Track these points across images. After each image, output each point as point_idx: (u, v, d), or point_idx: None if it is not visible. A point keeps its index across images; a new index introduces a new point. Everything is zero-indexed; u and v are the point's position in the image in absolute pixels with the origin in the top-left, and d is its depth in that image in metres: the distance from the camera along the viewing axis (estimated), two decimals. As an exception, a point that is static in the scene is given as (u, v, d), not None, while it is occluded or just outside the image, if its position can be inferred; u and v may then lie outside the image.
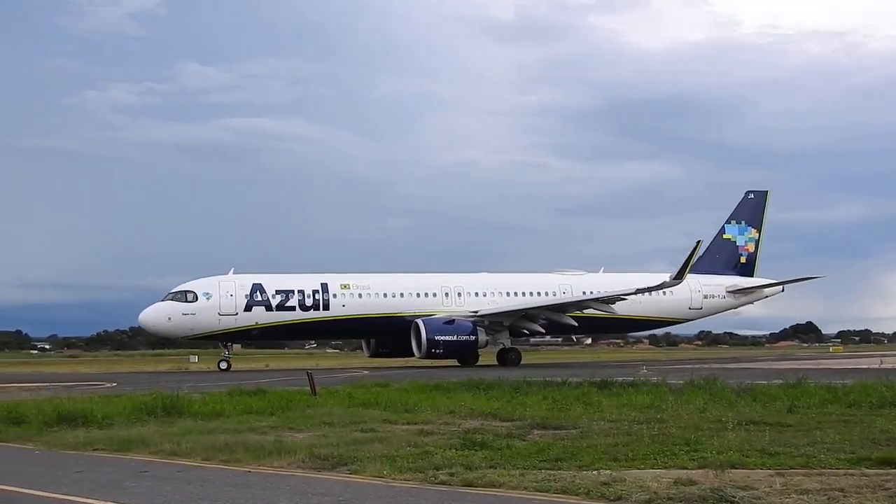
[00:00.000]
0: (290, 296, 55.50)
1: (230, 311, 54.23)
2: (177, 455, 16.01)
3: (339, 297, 56.32)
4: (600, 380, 28.14)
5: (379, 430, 18.41)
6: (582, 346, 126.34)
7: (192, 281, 55.47)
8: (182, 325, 54.57)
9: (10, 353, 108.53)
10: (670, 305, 62.13)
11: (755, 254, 66.01)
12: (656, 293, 59.49)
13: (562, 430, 18.14)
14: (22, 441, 19.12)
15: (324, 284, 56.52)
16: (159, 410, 22.09)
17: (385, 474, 13.15)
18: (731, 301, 64.46)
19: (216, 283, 55.19)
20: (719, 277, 63.90)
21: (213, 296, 54.28)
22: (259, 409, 22.85)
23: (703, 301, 62.87)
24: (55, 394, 29.14)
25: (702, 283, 62.49)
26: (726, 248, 65.72)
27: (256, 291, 55.08)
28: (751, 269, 65.76)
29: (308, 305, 55.73)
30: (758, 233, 66.13)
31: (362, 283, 57.48)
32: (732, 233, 65.85)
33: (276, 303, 55.12)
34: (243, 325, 54.88)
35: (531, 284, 59.64)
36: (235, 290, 54.71)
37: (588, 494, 11.29)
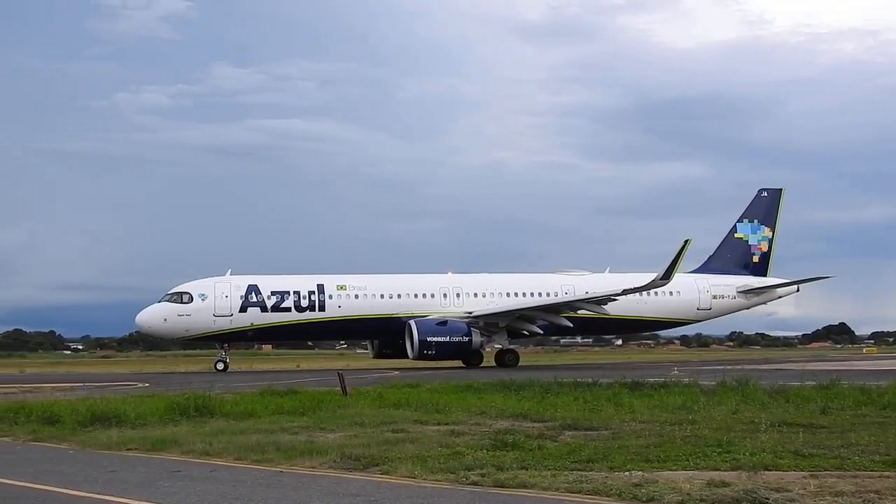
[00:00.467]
0: (285, 297, 55.70)
1: (225, 312, 54.51)
2: (209, 455, 16.09)
3: (335, 297, 56.28)
4: (631, 381, 28.02)
5: (410, 431, 18.41)
6: (612, 346, 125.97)
7: (189, 282, 55.82)
8: (177, 327, 55.07)
9: (43, 354, 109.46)
10: (677, 306, 61.12)
11: (769, 253, 64.57)
12: (663, 293, 59.21)
13: (593, 431, 18.08)
14: (56, 440, 19.28)
15: (320, 285, 56.56)
16: (192, 410, 22.20)
17: (416, 475, 13.15)
18: (742, 301, 63.07)
19: (212, 284, 55.52)
20: (730, 277, 62.67)
21: (209, 297, 54.62)
22: (290, 410, 22.92)
23: (712, 301, 61.65)
24: (89, 394, 29.37)
25: (711, 284, 61.59)
26: (738, 248, 64.45)
27: (252, 292, 55.33)
28: (764, 269, 64.31)
29: (304, 306, 55.85)
30: (772, 231, 64.71)
31: (359, 283, 57.36)
32: (745, 232, 64.52)
33: (271, 304, 55.34)
34: (238, 327, 55.08)
35: (532, 285, 58.75)
36: (231, 291, 55.01)
37: (620, 496, 11.25)
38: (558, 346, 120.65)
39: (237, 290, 55.06)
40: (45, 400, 27.08)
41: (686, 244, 51.25)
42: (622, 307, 58.07)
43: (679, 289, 60.31)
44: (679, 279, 60.77)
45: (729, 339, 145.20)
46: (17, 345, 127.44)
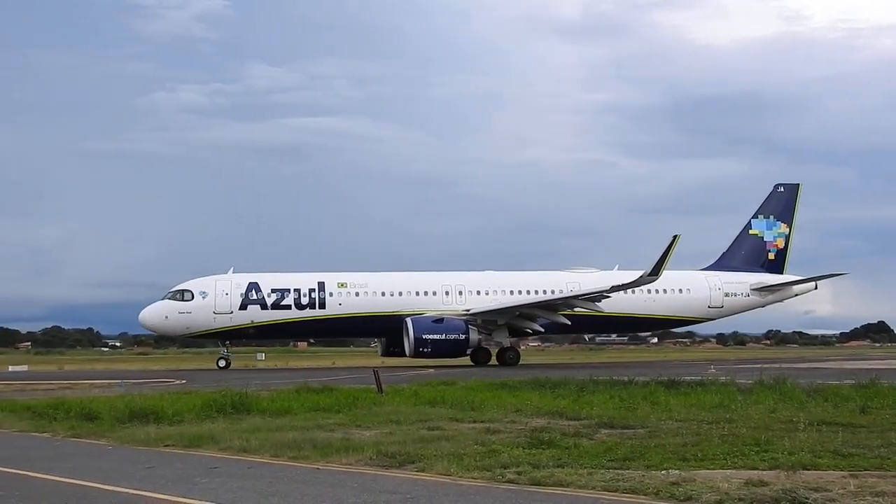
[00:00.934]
0: (285, 294, 56.06)
1: (225, 309, 55.16)
2: (246, 452, 16.16)
3: (335, 295, 56.52)
4: (667, 379, 27.88)
5: (445, 429, 18.41)
6: (648, 344, 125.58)
7: (191, 280, 56.56)
8: (178, 324, 55.82)
9: (82, 351, 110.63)
10: (687, 304, 60.47)
11: (785, 250, 63.53)
12: (672, 291, 59.06)
13: (629, 429, 18.01)
14: (95, 437, 19.44)
15: (321, 283, 56.83)
16: (228, 407, 22.34)
17: (452, 472, 13.14)
18: (756, 299, 61.98)
19: (212, 282, 56.16)
20: (743, 274, 61.74)
21: (209, 295, 55.31)
22: (326, 407, 22.98)
23: (723, 299, 60.80)
24: (126, 391, 29.58)
25: (723, 281, 60.81)
26: (753, 244, 63.45)
27: (252, 290, 55.90)
28: (780, 266, 63.23)
29: (304, 304, 56.15)
30: (788, 228, 63.59)
31: (360, 281, 57.52)
32: (760, 228, 63.58)
33: (271, 301, 55.79)
34: (238, 324, 55.65)
35: (537, 283, 58.17)
36: (231, 288, 55.65)
37: (657, 494, 11.18)
38: (594, 345, 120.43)
39: (237, 288, 55.72)
40: (83, 396, 27.34)
41: (675, 240, 50.20)
42: (631, 305, 58.04)
43: (689, 286, 60.09)
44: (689, 276, 61.42)
45: (766, 337, 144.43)
46: (56, 342, 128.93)
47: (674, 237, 50.14)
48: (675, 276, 60.07)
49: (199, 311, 55.02)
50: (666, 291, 58.95)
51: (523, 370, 43.07)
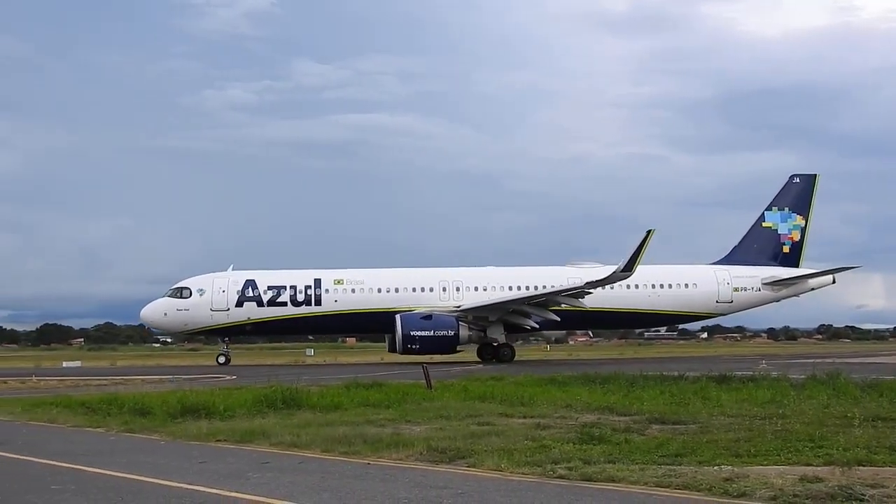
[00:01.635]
0: (281, 291, 56.27)
1: (221, 306, 55.56)
2: (297, 447, 16.25)
3: (331, 292, 56.47)
4: (718, 374, 27.63)
5: (495, 424, 18.41)
6: (698, 339, 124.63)
7: (190, 278, 57.16)
8: (177, 321, 56.57)
9: (134, 347, 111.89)
10: (695, 299, 58.88)
11: (801, 243, 61.18)
12: (678, 286, 58.08)
13: (681, 424, 17.91)
14: (148, 432, 19.62)
15: (317, 280, 56.84)
16: (279, 403, 22.48)
17: (503, 468, 13.13)
18: (768, 294, 59.90)
19: (210, 279, 56.66)
20: (754, 268, 59.81)
21: (207, 292, 55.81)
22: (376, 402, 23.06)
23: (732, 294, 58.99)
24: (178, 386, 29.86)
25: (732, 275, 59.13)
26: (766, 237, 61.22)
27: (248, 287, 56.19)
28: (795, 259, 60.94)
29: (300, 301, 56.24)
30: (804, 220, 61.19)
31: (357, 278, 57.33)
32: (773, 220, 61.25)
33: (267, 298, 56.02)
34: (235, 321, 55.99)
35: (536, 278, 56.75)
36: (228, 286, 56.07)
37: (710, 490, 11.10)
38: (642, 340, 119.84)
39: (234, 285, 56.15)
40: (136, 392, 27.60)
41: (649, 234, 49.02)
42: (634, 300, 57.19)
43: (696, 281, 58.79)
44: (697, 271, 60.05)
45: (817, 331, 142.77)
46: (108, 338, 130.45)
47: (648, 232, 49.10)
48: (682, 270, 59.75)
49: (197, 308, 55.67)
50: (672, 286, 58.10)
51: (534, 366, 42.97)
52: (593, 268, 57.61)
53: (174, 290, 56.36)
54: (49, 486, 12.64)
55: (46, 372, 49.51)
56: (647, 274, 57.32)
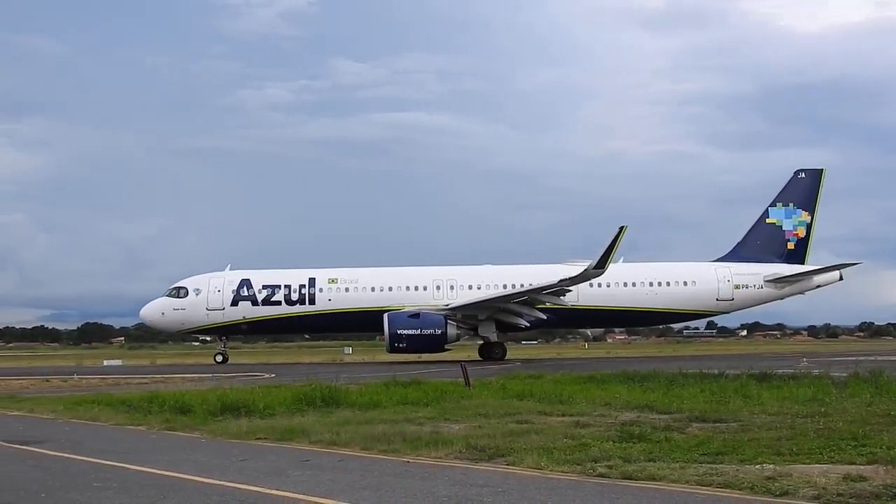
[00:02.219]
0: (276, 291, 56.90)
1: (217, 305, 56.50)
2: (336, 445, 16.29)
3: (325, 291, 56.94)
4: (759, 372, 27.41)
5: (534, 422, 18.36)
6: (737, 337, 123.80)
7: (188, 278, 58.14)
8: (174, 320, 57.68)
9: (173, 345, 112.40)
10: (693, 297, 57.95)
11: (807, 239, 59.82)
12: (676, 283, 57.44)
13: (721, 423, 17.77)
14: (189, 430, 19.75)
15: (311, 279, 57.36)
16: (318, 401, 22.54)
17: (543, 466, 13.10)
18: (771, 291, 58.77)
19: (207, 279, 57.62)
20: (757, 266, 58.61)
21: (202, 292, 56.79)
22: (415, 400, 23.08)
23: (733, 292, 58.00)
24: (218, 384, 30.06)
25: (733, 273, 58.11)
26: (770, 234, 59.98)
27: (244, 287, 57.01)
28: (801, 256, 59.59)
29: (294, 300, 56.84)
30: (810, 216, 59.84)
31: (351, 277, 57.69)
32: (778, 216, 59.94)
33: (261, 298, 56.78)
34: (231, 320, 56.83)
35: (530, 276, 55.83)
36: (223, 285, 56.92)
37: (752, 489, 11.00)
38: (681, 338, 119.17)
39: (230, 285, 56.98)
40: (176, 390, 27.84)
41: (621, 231, 48.67)
42: (630, 298, 56.91)
43: (695, 278, 58.02)
44: (696, 268, 59.23)
45: (859, 329, 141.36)
46: (148, 336, 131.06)
47: (620, 228, 48.72)
48: (681, 267, 59.16)
49: (193, 307, 56.62)
50: (669, 284, 57.53)
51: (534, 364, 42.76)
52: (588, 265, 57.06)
53: (172, 290, 57.44)
54: (92, 483, 12.75)
55: (88, 370, 50.00)
56: (646, 271, 57.87)
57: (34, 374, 46.67)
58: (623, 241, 48.85)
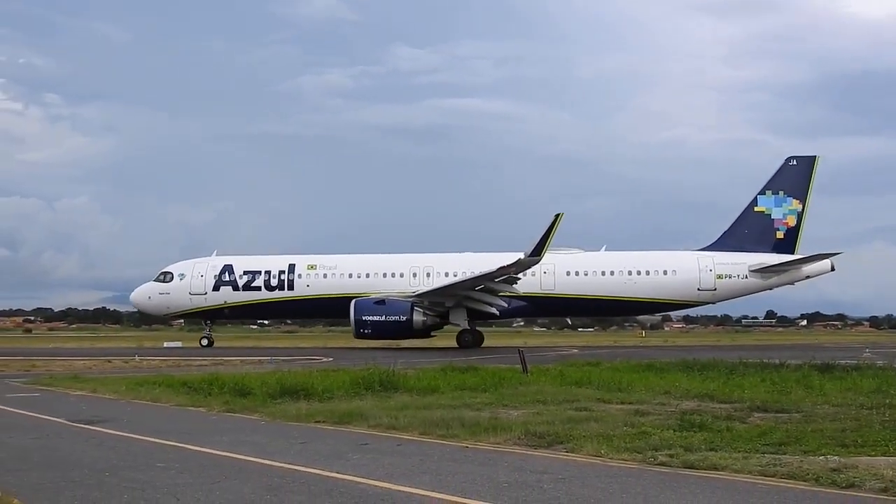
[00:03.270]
0: (256, 276, 58.31)
1: (200, 290, 58.26)
2: (395, 429, 16.33)
3: (304, 277, 58.12)
4: (821, 362, 27.05)
5: (593, 409, 18.24)
6: (797, 327, 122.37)
7: (174, 263, 60.15)
8: (160, 304, 59.70)
9: (232, 328, 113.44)
10: (674, 286, 57.26)
11: (797, 228, 58.24)
12: (657, 273, 56.95)
13: (783, 413, 17.56)
14: (248, 412, 19.90)
15: (291, 265, 58.68)
16: (376, 385, 22.60)
17: (603, 454, 13.01)
18: (757, 282, 57.53)
19: (191, 264, 59.51)
20: (741, 255, 57.31)
21: (186, 277, 58.57)
22: (472, 386, 23.05)
23: (716, 281, 56.94)
24: (276, 367, 30.27)
25: (716, 262, 57.05)
26: (758, 222, 58.53)
27: (226, 272, 58.59)
28: (791, 246, 58.05)
29: (273, 286, 58.22)
30: (801, 204, 58.22)
31: (330, 263, 58.71)
32: (767, 205, 58.40)
33: (242, 283, 58.30)
34: (213, 305, 58.65)
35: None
36: (206, 271, 58.64)
37: (817, 481, 10.83)
38: (739, 327, 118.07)
39: (213, 270, 58.65)
40: (235, 372, 28.06)
41: (557, 218, 48.21)
42: (610, 287, 56.58)
43: (676, 267, 57.39)
44: (678, 257, 58.60)
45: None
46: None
47: (556, 216, 48.33)
48: (662, 256, 58.64)
49: (177, 292, 58.49)
50: (649, 273, 57.04)
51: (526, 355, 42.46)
52: (571, 253, 57.79)
53: (159, 275, 59.36)
54: (154, 463, 12.88)
55: (148, 352, 50.67)
56: (625, 260, 57.57)
57: (96, 354, 47.38)
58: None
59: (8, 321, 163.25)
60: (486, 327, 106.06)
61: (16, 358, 43.92)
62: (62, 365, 38.79)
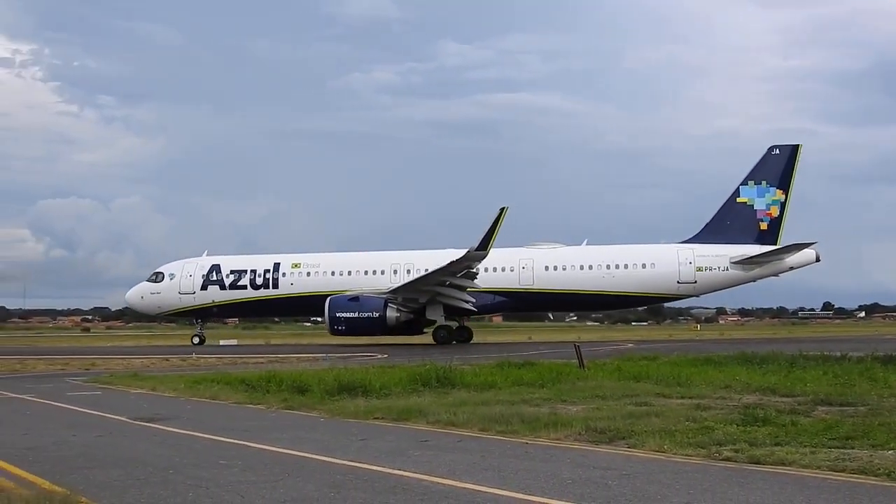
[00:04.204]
0: (242, 275, 59.73)
1: (188, 290, 59.87)
2: (454, 425, 16.26)
3: (287, 275, 59.30)
4: (884, 354, 26.59)
5: (653, 404, 18.08)
6: (855, 319, 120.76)
7: (166, 264, 61.96)
8: (152, 304, 61.79)
9: (285, 326, 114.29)
10: (652, 280, 56.88)
11: (780, 218, 57.06)
12: (635, 266, 56.62)
13: (848, 406, 17.26)
14: (307, 409, 19.93)
15: (276, 264, 59.99)
16: (433, 381, 22.56)
17: (665, 449, 12.87)
18: (738, 274, 56.70)
19: (181, 265, 61.22)
20: (722, 247, 56.50)
21: (176, 276, 60.27)
22: (529, 381, 22.91)
23: (696, 274, 56.33)
24: (332, 364, 30.34)
25: (696, 255, 56.42)
26: (740, 213, 57.55)
27: (213, 272, 60.06)
28: (774, 237, 56.89)
29: (258, 284, 59.58)
30: (784, 194, 56.96)
31: (313, 262, 59.79)
32: (749, 195, 57.38)
33: (229, 282, 59.76)
34: (202, 303, 60.29)
35: (491, 260, 54.80)
36: (195, 271, 60.22)
37: (889, 476, 10.60)
38: (796, 319, 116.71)
39: (201, 270, 60.20)
40: (293, 370, 28.15)
41: (502, 212, 48.64)
42: (589, 282, 56.45)
43: (655, 261, 56.93)
44: (657, 250, 58.26)
45: None
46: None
47: (501, 209, 48.59)
48: (641, 250, 58.29)
49: (167, 291, 60.25)
50: (627, 266, 56.74)
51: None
52: (551, 248, 58.31)
53: (152, 275, 61.28)
54: (217, 460, 12.93)
55: (205, 350, 51.09)
56: (604, 254, 57.45)
57: (154, 353, 47.89)
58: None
59: (67, 320, 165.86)
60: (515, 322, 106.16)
61: (76, 357, 44.62)
62: (121, 363, 39.27)
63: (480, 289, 55.67)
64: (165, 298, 60.63)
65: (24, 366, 39.25)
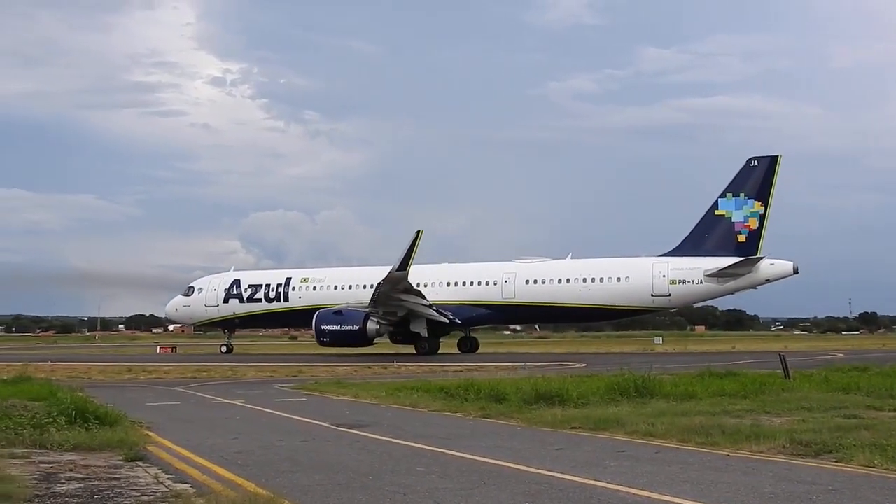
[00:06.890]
0: (258, 290, 64.25)
1: (213, 303, 65.05)
2: (652, 436, 16.03)
3: (297, 289, 63.52)
4: None
5: (863, 417, 17.38)
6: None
7: (198, 279, 67.35)
8: (184, 315, 68.82)
9: (484, 334, 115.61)
10: (627, 293, 56.45)
11: (759, 231, 54.91)
12: (609, 280, 56.70)
13: None
14: (504, 417, 20.02)
15: (288, 279, 64.41)
16: (631, 391, 22.32)
17: (877, 464, 12.32)
18: (712, 286, 55.39)
19: (208, 280, 66.58)
20: (697, 260, 55.08)
21: (204, 291, 65.52)
22: (731, 392, 22.40)
23: (669, 287, 55.26)
24: (530, 373, 30.37)
25: (671, 268, 55.27)
26: (718, 226, 55.84)
27: (234, 286, 64.80)
28: (753, 249, 54.85)
29: (272, 298, 64.01)
30: (763, 206, 54.85)
31: (320, 276, 63.80)
32: (727, 208, 55.71)
33: (247, 296, 64.52)
34: (225, 315, 65.42)
35: (477, 274, 59.22)
36: (219, 285, 65.27)
37: None
38: None
39: (224, 284, 65.11)
40: (490, 378, 28.33)
41: (418, 235, 49.43)
42: (565, 295, 57.08)
43: (629, 274, 56.46)
44: (632, 264, 57.97)
45: None
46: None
47: (417, 232, 49.53)
48: (616, 263, 58.08)
49: (196, 304, 65.76)
50: (603, 280, 56.76)
51: None
52: (536, 262, 59.89)
53: (186, 289, 66.80)
54: (415, 467, 13.13)
55: (404, 358, 52.08)
56: (581, 268, 58.03)
57: (356, 361, 49.13)
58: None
59: (277, 329, 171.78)
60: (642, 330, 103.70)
61: (284, 364, 46.29)
62: (325, 371, 40.49)
63: (466, 302, 59.00)
64: (195, 311, 66.61)
65: (235, 372, 41.02)
